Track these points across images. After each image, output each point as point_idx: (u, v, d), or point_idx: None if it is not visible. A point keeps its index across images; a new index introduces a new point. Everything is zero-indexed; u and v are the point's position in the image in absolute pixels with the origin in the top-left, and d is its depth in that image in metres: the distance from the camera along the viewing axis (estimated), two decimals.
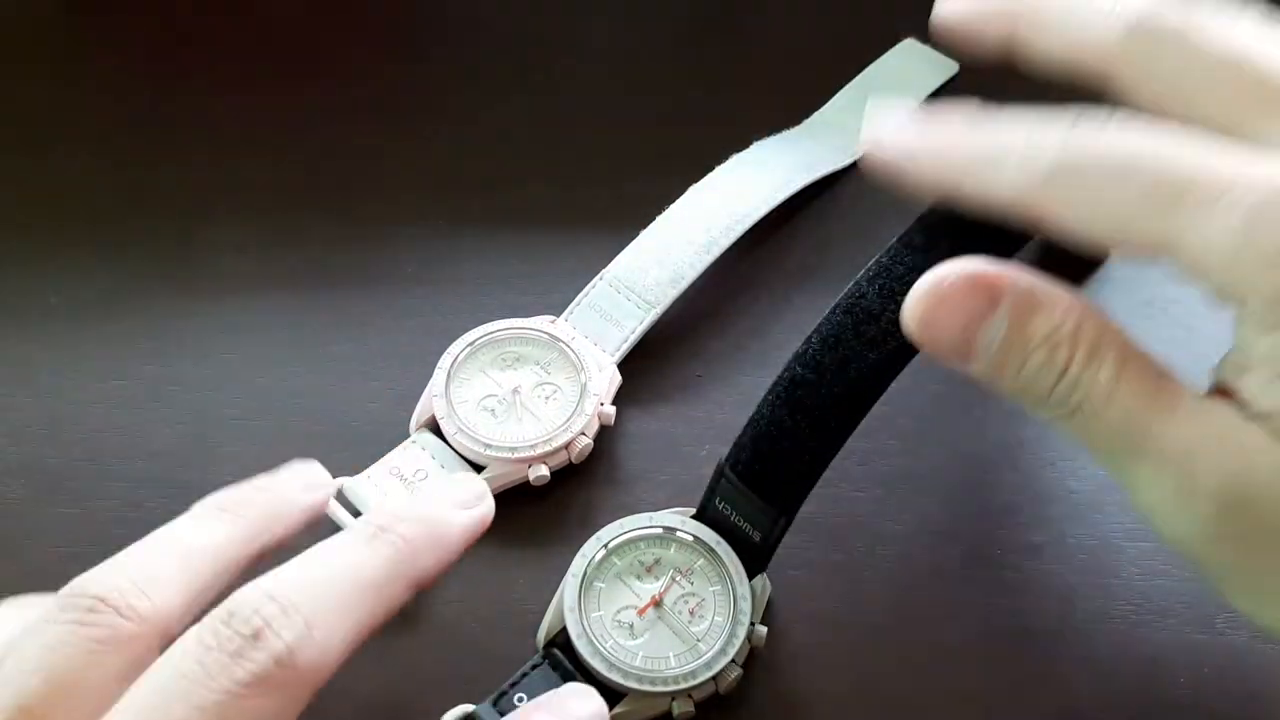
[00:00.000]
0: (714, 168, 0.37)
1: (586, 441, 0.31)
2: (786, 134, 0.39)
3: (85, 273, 0.36)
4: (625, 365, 0.33)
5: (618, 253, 0.35)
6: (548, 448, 0.30)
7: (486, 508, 0.25)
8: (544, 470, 0.30)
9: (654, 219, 0.35)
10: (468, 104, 0.42)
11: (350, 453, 0.31)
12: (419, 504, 0.24)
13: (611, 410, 0.32)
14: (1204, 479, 0.20)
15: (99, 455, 0.31)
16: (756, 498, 0.27)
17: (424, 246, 0.37)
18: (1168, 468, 0.21)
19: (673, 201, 0.36)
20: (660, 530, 0.28)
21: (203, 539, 0.23)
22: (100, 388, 0.33)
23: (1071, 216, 0.21)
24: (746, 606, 0.27)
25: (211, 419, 0.32)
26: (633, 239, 0.35)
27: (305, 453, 0.31)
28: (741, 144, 0.39)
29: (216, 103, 0.42)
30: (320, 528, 0.27)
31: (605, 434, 0.32)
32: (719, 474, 0.28)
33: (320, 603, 0.21)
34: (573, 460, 0.31)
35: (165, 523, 0.29)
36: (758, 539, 0.27)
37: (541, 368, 0.32)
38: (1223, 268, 0.19)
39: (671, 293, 0.33)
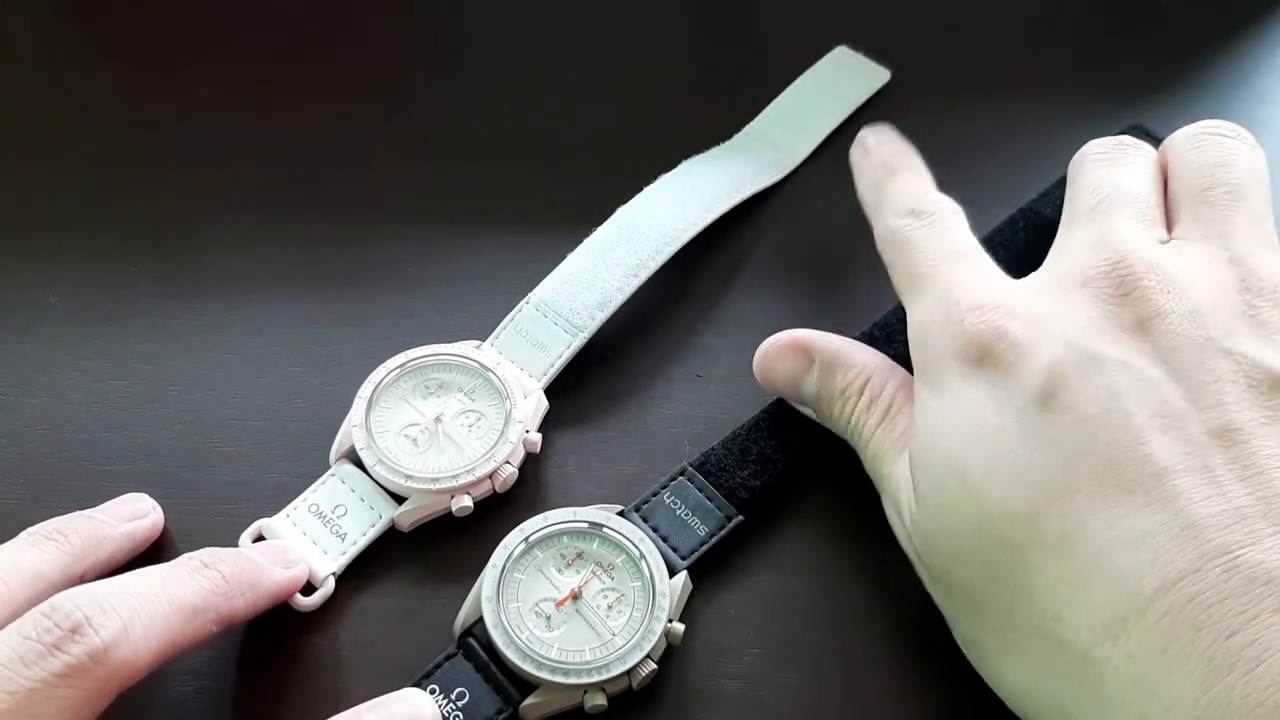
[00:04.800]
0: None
1: (511, 470, 0.30)
2: (716, 150, 0.39)
3: (85, 273, 0.36)
4: (552, 390, 0.32)
5: None
6: (470, 478, 0.29)
7: (301, 571, 0.28)
8: (467, 501, 0.29)
9: None
10: (468, 105, 0.42)
11: None
12: (243, 553, 0.27)
13: (538, 438, 0.31)
14: (904, 509, 0.27)
15: (99, 456, 0.31)
16: (717, 493, 0.29)
17: (424, 246, 0.37)
18: (889, 496, 0.28)
19: None
20: (585, 525, 0.28)
21: (23, 561, 0.25)
22: (100, 388, 0.33)
23: None
24: (665, 603, 0.27)
25: (211, 419, 0.32)
26: None
27: (303, 452, 0.31)
28: None
29: (215, 103, 0.42)
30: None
31: (532, 461, 0.31)
32: (679, 472, 0.30)
33: (138, 612, 0.22)
34: (497, 490, 0.30)
35: (167, 524, 0.30)
36: (702, 533, 0.29)
37: (466, 395, 0.31)
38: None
39: (600, 316, 0.33)
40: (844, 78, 0.42)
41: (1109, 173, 0.29)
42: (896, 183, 0.31)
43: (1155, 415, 0.23)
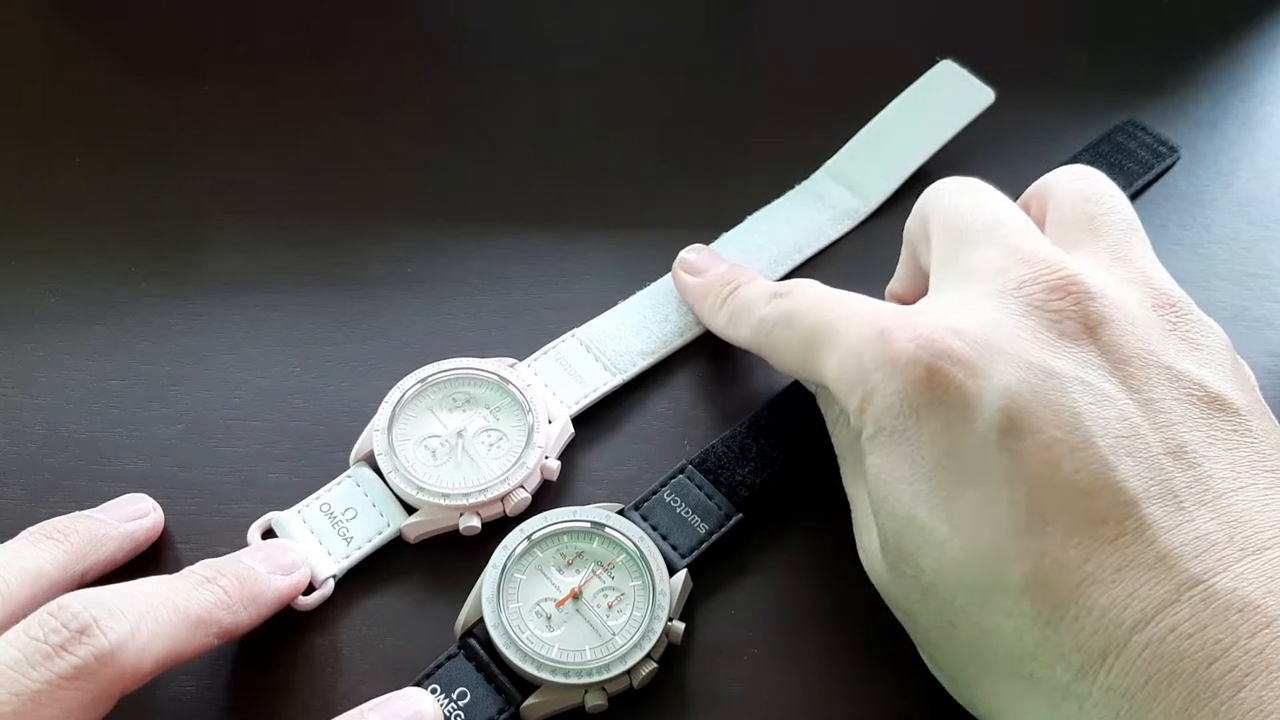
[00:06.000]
0: (717, 168, 0.37)
1: (524, 495, 0.29)
2: (784, 200, 0.37)
3: (85, 273, 0.36)
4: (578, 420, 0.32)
5: (617, 254, 0.35)
6: (481, 498, 0.29)
7: (302, 575, 0.28)
8: (475, 521, 0.29)
9: (655, 220, 0.35)
10: (468, 104, 0.42)
11: (349, 452, 0.31)
12: (244, 564, 0.27)
13: (556, 465, 0.30)
14: (863, 536, 0.27)
15: (99, 456, 0.31)
16: (717, 491, 0.29)
17: (424, 246, 0.37)
18: (853, 514, 0.27)
19: (676, 201, 0.37)
20: (586, 525, 0.28)
21: (23, 560, 0.25)
22: (100, 388, 0.33)
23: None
24: (665, 602, 0.27)
25: (211, 419, 0.32)
26: (633, 241, 0.35)
27: (303, 452, 0.31)
28: (744, 145, 0.39)
29: (215, 102, 0.42)
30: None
31: (547, 488, 0.31)
32: (678, 470, 0.30)
33: (144, 617, 0.22)
34: (508, 513, 0.29)
35: (167, 524, 0.30)
36: (703, 531, 0.29)
37: (491, 412, 0.31)
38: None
39: (641, 363, 0.33)
40: (947, 98, 0.39)
41: (978, 200, 0.27)
42: (742, 290, 0.31)
43: (1118, 436, 0.22)
